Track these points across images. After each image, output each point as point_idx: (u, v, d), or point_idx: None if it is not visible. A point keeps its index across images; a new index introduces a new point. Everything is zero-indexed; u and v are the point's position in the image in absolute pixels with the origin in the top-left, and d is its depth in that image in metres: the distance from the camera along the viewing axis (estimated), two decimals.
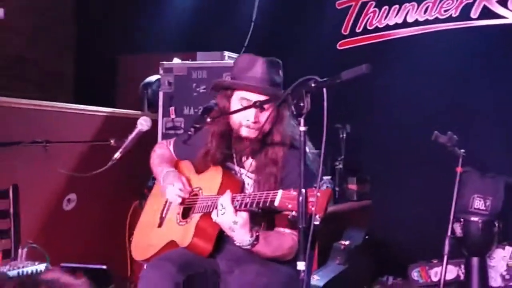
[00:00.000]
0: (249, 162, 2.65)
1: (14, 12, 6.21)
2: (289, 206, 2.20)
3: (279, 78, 2.60)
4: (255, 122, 2.54)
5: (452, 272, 4.66)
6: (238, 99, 2.58)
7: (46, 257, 2.73)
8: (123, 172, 3.65)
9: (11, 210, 2.98)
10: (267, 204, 2.28)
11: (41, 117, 4.00)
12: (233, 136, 2.64)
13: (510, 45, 4.96)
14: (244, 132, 2.57)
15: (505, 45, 4.98)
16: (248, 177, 2.63)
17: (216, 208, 2.38)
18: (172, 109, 4.59)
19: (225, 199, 2.36)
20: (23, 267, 2.61)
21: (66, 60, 6.83)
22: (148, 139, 3.06)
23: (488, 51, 5.00)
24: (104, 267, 2.52)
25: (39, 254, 2.76)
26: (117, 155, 2.68)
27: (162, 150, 2.95)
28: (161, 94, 4.64)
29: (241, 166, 2.67)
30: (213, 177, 2.61)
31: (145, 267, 2.54)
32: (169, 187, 2.67)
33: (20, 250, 2.77)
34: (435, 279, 4.78)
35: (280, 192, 2.24)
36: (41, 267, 2.63)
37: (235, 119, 2.58)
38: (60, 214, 4.17)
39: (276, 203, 2.23)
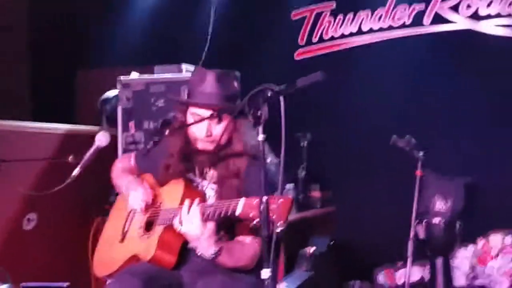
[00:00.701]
0: (211, 174, 2.65)
1: None
2: (251, 214, 2.21)
3: (231, 90, 2.60)
4: (208, 136, 2.56)
5: (417, 273, 4.72)
6: (191, 113, 2.60)
7: (7, 277, 2.68)
8: (84, 189, 3.60)
9: None
10: (229, 213, 2.28)
11: None
12: (193, 148, 2.64)
13: (461, 49, 5.07)
14: (200, 145, 2.59)
15: (457, 49, 5.09)
16: (210, 188, 2.63)
17: (180, 218, 2.37)
18: (131, 123, 4.56)
19: (193, 209, 2.36)
20: None
21: (22, 77, 6.72)
22: (108, 155, 3.04)
23: (441, 56, 5.11)
24: (65, 285, 2.48)
25: (1, 275, 2.71)
26: (76, 171, 2.65)
27: (123, 164, 2.94)
28: (119, 109, 4.60)
29: (203, 177, 2.67)
30: (174, 189, 2.60)
31: (108, 282, 2.50)
32: (132, 193, 2.67)
33: None
34: (400, 281, 4.83)
35: (242, 200, 2.25)
36: (3, 287, 2.58)
37: (191, 133, 2.60)
38: (21, 233, 4.09)
39: (238, 212, 2.24)
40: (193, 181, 2.68)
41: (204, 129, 2.55)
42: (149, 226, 2.63)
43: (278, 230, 2.11)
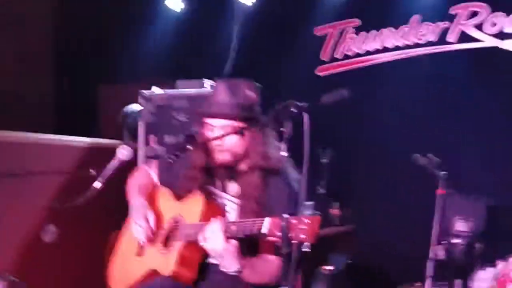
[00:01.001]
0: (232, 187, 2.63)
1: None
2: (278, 234, 2.18)
3: (243, 98, 2.58)
4: (219, 145, 2.55)
5: None
6: (206, 125, 2.61)
7: None
8: (104, 202, 3.60)
9: None
10: (254, 232, 2.27)
11: (21, 149, 3.95)
12: (213, 161, 2.63)
13: (488, 68, 5.03)
14: (217, 156, 2.57)
15: (482, 68, 5.05)
16: (231, 201, 2.62)
17: (204, 235, 2.35)
18: (152, 137, 4.58)
19: (217, 226, 2.34)
20: None
21: (46, 91, 6.79)
22: (129, 168, 3.04)
23: (467, 74, 5.06)
24: None
25: (19, 287, 2.71)
26: (97, 184, 2.65)
27: (137, 176, 2.94)
28: (141, 123, 4.62)
29: (224, 190, 2.66)
30: (193, 203, 2.60)
31: None
32: (134, 226, 2.68)
33: None
34: None
35: (267, 220, 2.23)
36: None
37: (209, 145, 2.59)
38: (40, 246, 4.11)
39: (264, 231, 2.23)
40: (214, 193, 2.67)
41: (208, 133, 2.57)
42: (168, 240, 2.62)
43: (305, 249, 2.09)
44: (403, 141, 5.01)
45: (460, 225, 4.50)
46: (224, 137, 2.54)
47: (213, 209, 2.55)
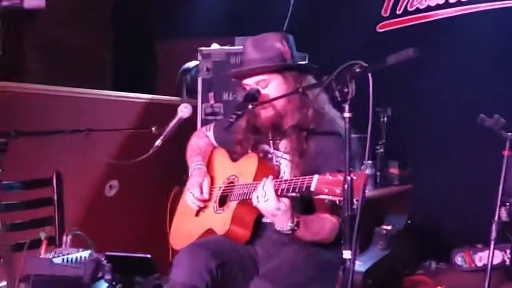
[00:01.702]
0: (284, 144, 2.62)
1: (54, 1, 6.27)
2: (326, 190, 2.18)
3: (271, 51, 2.58)
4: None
5: (497, 257, 4.56)
6: (244, 85, 2.62)
7: (90, 244, 2.75)
8: (163, 159, 3.64)
9: (55, 198, 3.01)
10: (304, 190, 2.27)
11: (83, 105, 4.03)
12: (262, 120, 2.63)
13: None
14: (261, 112, 2.57)
15: None
16: (283, 158, 2.61)
17: (257, 194, 2.36)
18: (211, 94, 4.58)
19: (268, 185, 2.35)
20: (67, 254, 2.63)
21: (104, 47, 6.87)
22: (188, 125, 3.05)
23: None
24: (149, 256, 2.53)
25: (83, 241, 2.78)
26: (158, 142, 2.67)
27: (196, 140, 2.97)
28: (199, 80, 4.63)
29: (276, 148, 2.65)
30: (248, 164, 2.61)
31: (179, 252, 2.54)
32: (187, 194, 2.73)
33: (64, 237, 2.79)
34: (479, 264, 4.69)
35: (316, 177, 2.22)
36: (86, 254, 2.65)
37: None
38: (103, 200, 4.21)
39: (312, 188, 2.22)
40: (268, 151, 2.67)
41: None
42: (223, 200, 2.63)
43: (354, 206, 2.08)
44: (466, 100, 4.89)
45: None
46: (282, 98, 2.51)
47: (267, 169, 2.56)
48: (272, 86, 2.56)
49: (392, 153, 5.06)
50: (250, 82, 2.59)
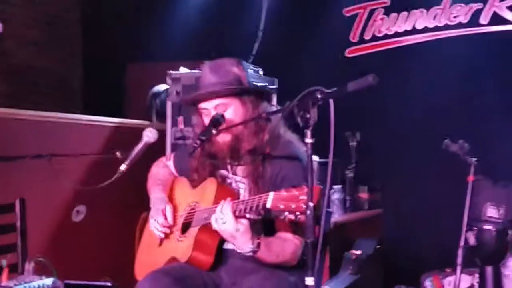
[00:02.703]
0: (241, 168, 2.62)
1: (21, 22, 6.23)
2: (281, 207, 2.17)
3: (229, 75, 2.59)
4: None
5: (466, 281, 4.58)
6: (201, 111, 2.63)
7: (53, 271, 2.70)
8: (132, 183, 3.60)
9: (18, 224, 2.96)
10: (260, 208, 2.26)
11: (48, 129, 3.98)
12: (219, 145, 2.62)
13: None
14: (218, 138, 2.57)
15: None
16: (242, 182, 2.61)
17: (214, 215, 2.35)
18: (180, 119, 4.56)
19: (225, 207, 2.34)
20: (30, 281, 2.58)
21: (75, 69, 6.83)
22: (157, 149, 3.03)
23: (499, 57, 4.95)
24: (109, 284, 2.48)
25: (47, 268, 2.73)
26: (122, 167, 2.64)
27: (156, 170, 2.96)
28: (169, 104, 4.61)
29: (234, 173, 2.65)
30: (207, 189, 2.60)
31: (140, 280, 2.51)
32: (151, 222, 2.71)
33: (27, 265, 2.74)
34: None
35: (271, 194, 2.22)
36: (48, 281, 2.60)
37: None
38: (69, 226, 4.15)
39: (268, 205, 2.21)
40: (226, 176, 2.67)
41: (207, 119, 2.57)
42: (185, 228, 2.62)
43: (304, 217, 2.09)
44: (433, 125, 4.95)
45: (492, 211, 4.42)
46: (251, 121, 2.52)
47: (226, 192, 2.55)
48: (231, 110, 2.56)
49: (361, 178, 5.08)
50: (208, 106, 2.58)
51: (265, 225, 2.49)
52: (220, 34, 5.79)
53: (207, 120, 2.59)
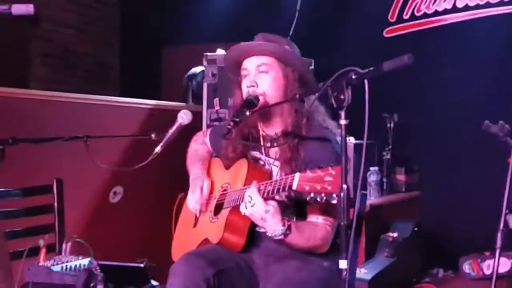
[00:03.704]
0: (274, 150, 2.60)
1: (61, 5, 6.30)
2: (307, 188, 2.14)
3: (280, 44, 2.55)
4: (252, 86, 2.51)
5: (505, 265, 4.52)
6: (243, 76, 2.57)
7: (90, 252, 2.73)
8: (168, 164, 3.64)
9: (55, 205, 2.99)
10: (286, 189, 2.24)
11: (83, 111, 4.02)
12: (255, 125, 2.62)
13: None
14: (252, 118, 2.54)
15: None
16: (274, 165, 2.58)
17: (243, 201, 2.34)
18: (216, 100, 4.56)
19: (252, 190, 2.33)
20: (67, 261, 2.61)
21: (112, 52, 6.89)
22: (193, 131, 3.04)
23: None
24: (141, 265, 2.50)
25: (84, 249, 2.76)
26: (157, 149, 2.65)
27: (195, 147, 2.96)
28: (205, 86, 4.61)
29: (267, 154, 2.63)
30: (239, 170, 2.59)
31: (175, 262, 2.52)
32: (188, 197, 2.71)
33: (64, 245, 2.77)
34: (487, 272, 4.65)
35: (297, 175, 2.19)
36: (85, 261, 2.63)
37: (244, 92, 2.56)
38: (107, 206, 4.20)
39: (294, 186, 2.19)
40: (259, 159, 2.65)
41: (249, 80, 2.53)
42: (218, 209, 2.62)
43: (333, 201, 2.08)
44: (473, 106, 4.85)
45: None
46: (279, 105, 2.49)
47: (257, 173, 2.53)
48: (270, 76, 2.51)
49: (399, 159, 5.03)
50: (250, 65, 2.54)
51: (296, 210, 2.47)
52: (256, 15, 5.76)
53: (245, 85, 2.55)
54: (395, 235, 4.39)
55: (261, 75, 2.53)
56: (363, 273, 3.87)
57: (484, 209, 4.47)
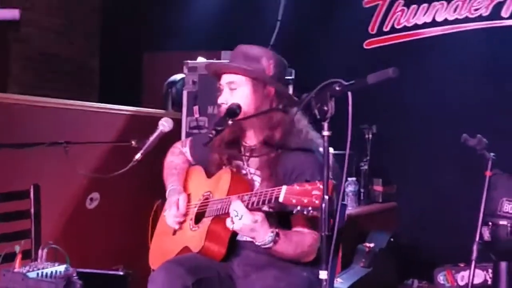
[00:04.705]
0: (255, 160, 2.60)
1: (41, 10, 6.26)
2: (293, 201, 2.15)
3: (253, 60, 2.56)
4: (222, 103, 2.57)
5: (479, 276, 4.56)
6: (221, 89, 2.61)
7: (66, 258, 2.70)
8: (146, 171, 3.60)
9: (32, 210, 2.96)
10: (273, 201, 2.24)
11: (64, 117, 3.98)
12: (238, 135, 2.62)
13: None
14: (233, 127, 2.55)
15: None
16: (257, 175, 2.59)
17: (228, 215, 2.34)
18: (196, 108, 4.54)
19: (237, 204, 2.32)
20: (43, 268, 2.59)
21: (92, 57, 6.85)
22: (172, 138, 3.03)
23: None
24: (121, 273, 2.48)
25: (60, 255, 2.74)
26: (138, 156, 2.64)
27: (172, 158, 2.93)
28: (185, 93, 4.59)
29: (248, 165, 2.63)
30: (222, 179, 2.58)
31: (153, 270, 2.51)
32: (166, 212, 2.70)
33: (40, 251, 2.74)
34: (461, 283, 4.68)
35: (284, 188, 2.19)
36: (61, 268, 2.61)
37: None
38: (83, 213, 4.16)
39: (281, 199, 2.19)
40: (242, 168, 2.64)
41: (220, 97, 2.59)
42: (199, 217, 2.61)
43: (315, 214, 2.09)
44: (451, 119, 4.91)
45: (508, 207, 4.38)
46: (267, 113, 2.50)
47: (241, 183, 2.53)
48: (239, 92, 2.54)
49: (376, 170, 5.06)
50: (223, 81, 2.59)
51: (280, 221, 2.47)
52: (238, 24, 5.77)
53: (224, 97, 2.57)
54: (371, 245, 4.41)
55: (232, 92, 2.57)
56: (339, 282, 3.88)
57: (459, 221, 4.53)
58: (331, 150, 3.48)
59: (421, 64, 5.18)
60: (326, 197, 1.98)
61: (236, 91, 2.55)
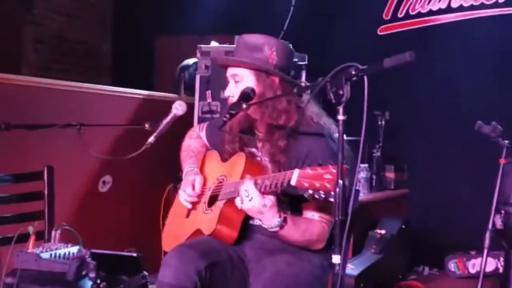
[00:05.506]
0: (268, 148, 2.58)
1: None
2: (306, 185, 2.14)
3: (255, 51, 2.55)
4: (229, 96, 2.57)
5: (491, 264, 4.56)
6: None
7: (79, 239, 2.72)
8: (158, 155, 3.63)
9: (45, 192, 2.97)
10: (285, 185, 2.23)
11: (77, 99, 4.00)
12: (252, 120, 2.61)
13: None
14: (248, 112, 2.53)
15: None
16: (270, 162, 2.57)
17: (239, 195, 2.34)
18: (208, 92, 4.54)
19: (248, 184, 2.32)
20: (56, 249, 2.61)
21: (104, 41, 6.85)
22: (184, 123, 3.02)
23: None
24: (135, 254, 2.49)
25: (73, 236, 2.75)
26: (151, 139, 2.64)
27: (190, 141, 2.94)
28: (197, 78, 4.59)
29: (262, 148, 2.63)
30: (236, 163, 2.59)
31: (166, 254, 2.51)
32: (180, 193, 2.70)
33: (53, 232, 2.76)
34: (472, 271, 4.69)
35: (296, 171, 2.18)
36: (74, 249, 2.63)
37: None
38: (95, 195, 4.18)
39: (293, 182, 2.18)
40: (255, 154, 2.65)
41: (227, 90, 2.58)
42: (212, 200, 2.62)
43: (330, 198, 2.07)
44: (464, 106, 4.87)
45: None
46: (281, 97, 2.49)
47: (255, 167, 2.53)
48: (243, 85, 2.53)
49: (388, 157, 5.04)
50: (228, 74, 2.60)
51: (291, 205, 2.47)
52: (251, 9, 5.74)
53: (229, 90, 2.58)
54: (382, 232, 4.41)
55: (237, 84, 2.57)
56: (350, 268, 3.89)
57: (471, 209, 4.51)
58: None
59: (435, 50, 5.14)
60: (340, 181, 1.97)
61: (241, 83, 2.55)
